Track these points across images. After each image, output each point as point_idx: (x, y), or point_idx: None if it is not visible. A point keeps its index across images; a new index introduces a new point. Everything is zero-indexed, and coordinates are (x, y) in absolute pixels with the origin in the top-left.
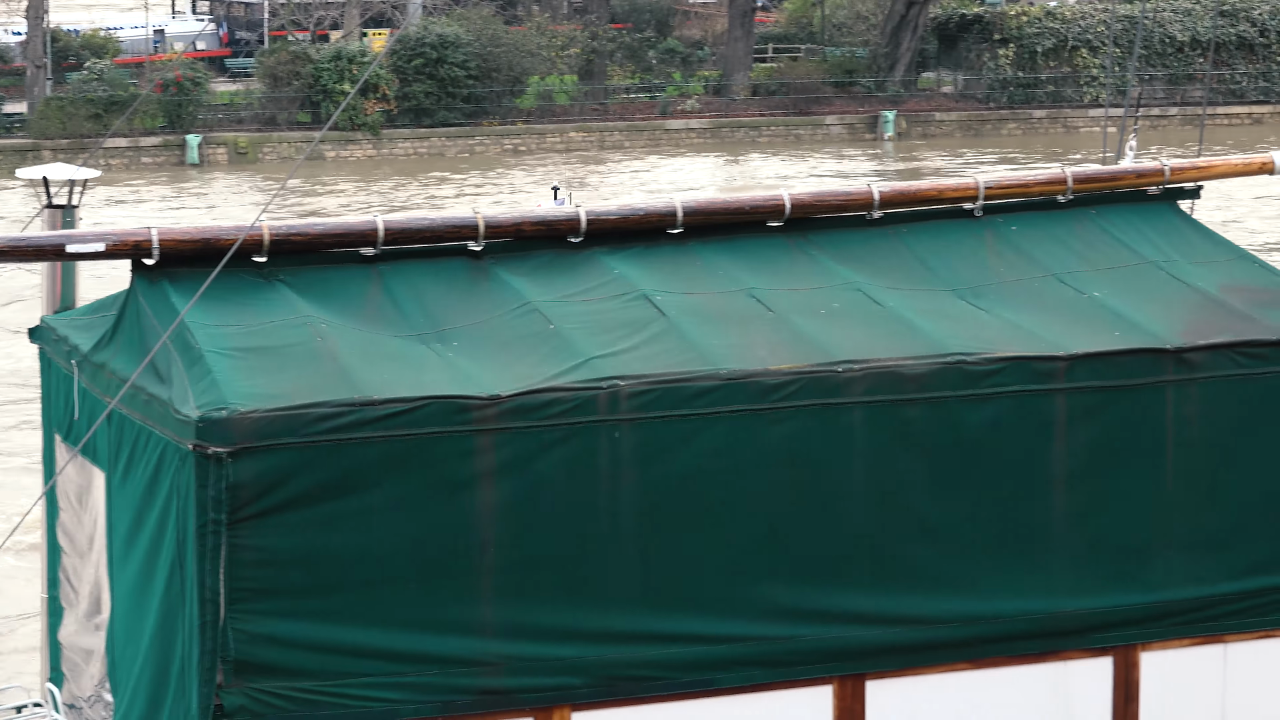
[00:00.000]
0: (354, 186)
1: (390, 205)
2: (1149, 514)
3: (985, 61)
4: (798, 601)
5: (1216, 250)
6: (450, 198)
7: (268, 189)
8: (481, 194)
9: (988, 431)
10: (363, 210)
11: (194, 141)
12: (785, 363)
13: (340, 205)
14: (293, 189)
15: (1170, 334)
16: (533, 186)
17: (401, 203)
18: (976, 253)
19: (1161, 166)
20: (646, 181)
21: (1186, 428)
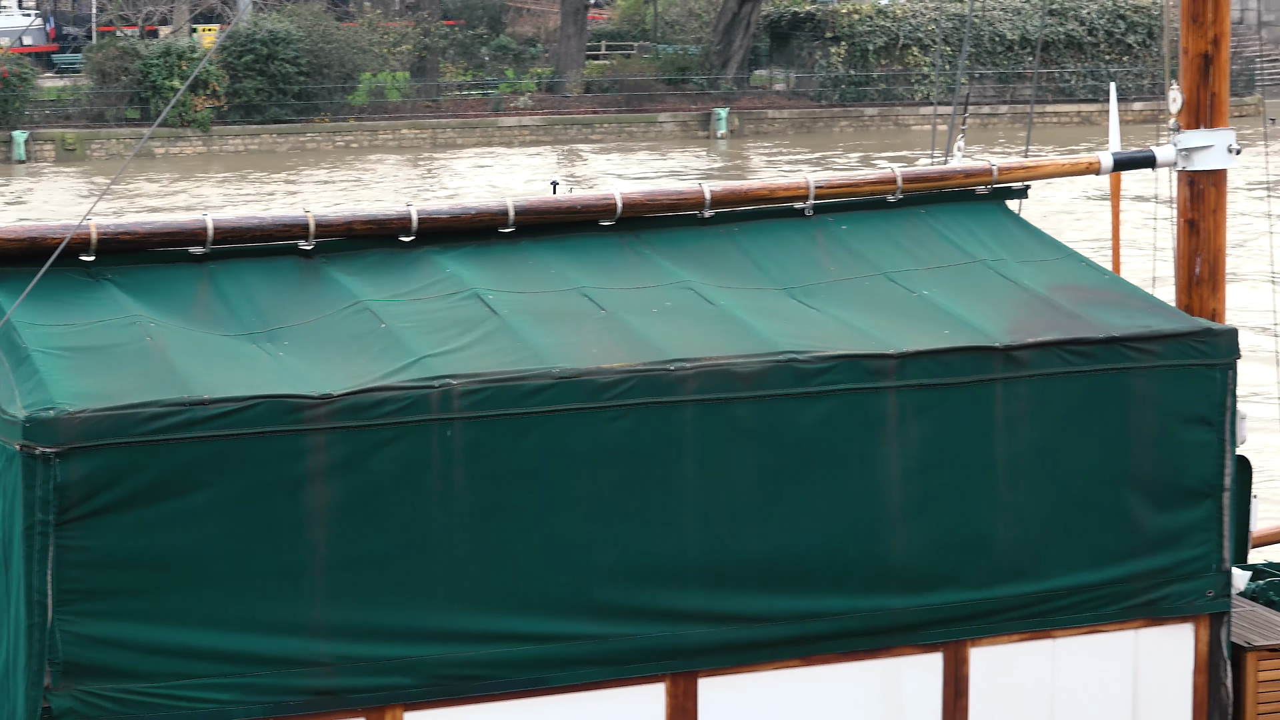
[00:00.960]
0: (184, 184)
1: (221, 203)
2: (978, 510)
3: (817, 59)
4: (630, 600)
5: (1044, 249)
6: (281, 196)
7: (96, 186)
8: (313, 192)
9: (819, 429)
10: (193, 208)
11: (20, 138)
12: (617, 361)
13: (170, 203)
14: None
15: (999, 332)
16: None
17: (232, 201)
18: (807, 252)
19: (990, 166)
20: (480, 179)
21: (1015, 425)
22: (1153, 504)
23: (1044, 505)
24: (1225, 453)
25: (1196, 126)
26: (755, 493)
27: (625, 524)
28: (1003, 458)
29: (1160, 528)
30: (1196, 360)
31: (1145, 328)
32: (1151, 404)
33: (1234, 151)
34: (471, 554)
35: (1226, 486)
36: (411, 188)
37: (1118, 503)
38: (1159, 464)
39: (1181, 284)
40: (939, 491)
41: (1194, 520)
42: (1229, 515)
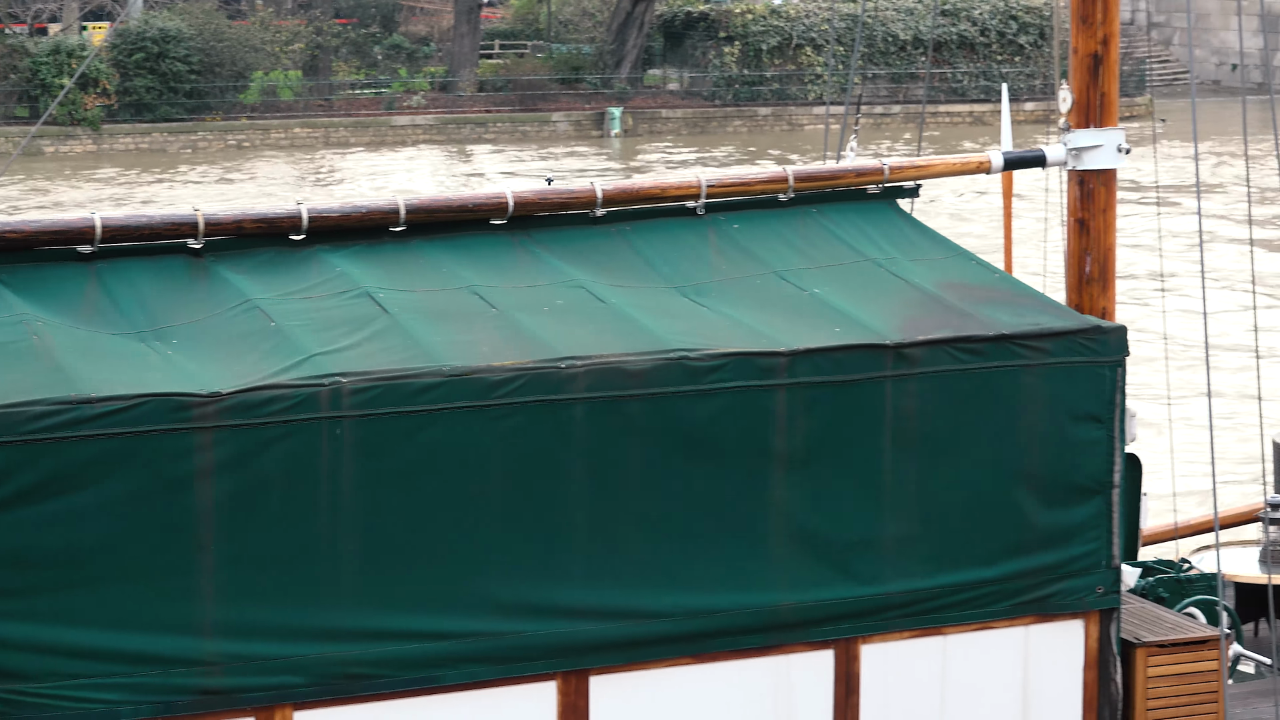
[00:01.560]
0: (73, 183)
1: (110, 202)
2: (869, 508)
3: (711, 59)
4: (522, 597)
5: (934, 248)
6: (172, 195)
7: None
8: (204, 191)
9: (710, 427)
10: (82, 207)
11: None
12: (508, 359)
13: (58, 202)
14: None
15: (889, 330)
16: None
17: (123, 199)
18: (699, 250)
19: (881, 165)
20: (372, 178)
21: (905, 422)
22: (1043, 501)
23: (934, 502)
24: (1115, 450)
25: (1086, 126)
26: (646, 490)
27: (516, 522)
28: (893, 455)
29: (1050, 525)
30: (1086, 358)
31: (1035, 325)
32: (1042, 401)
33: (1123, 151)
34: (361, 552)
35: (1116, 484)
36: (303, 187)
37: (1008, 500)
38: (1049, 461)
39: (1072, 283)
40: (829, 488)
41: (1084, 517)
42: (1118, 512)
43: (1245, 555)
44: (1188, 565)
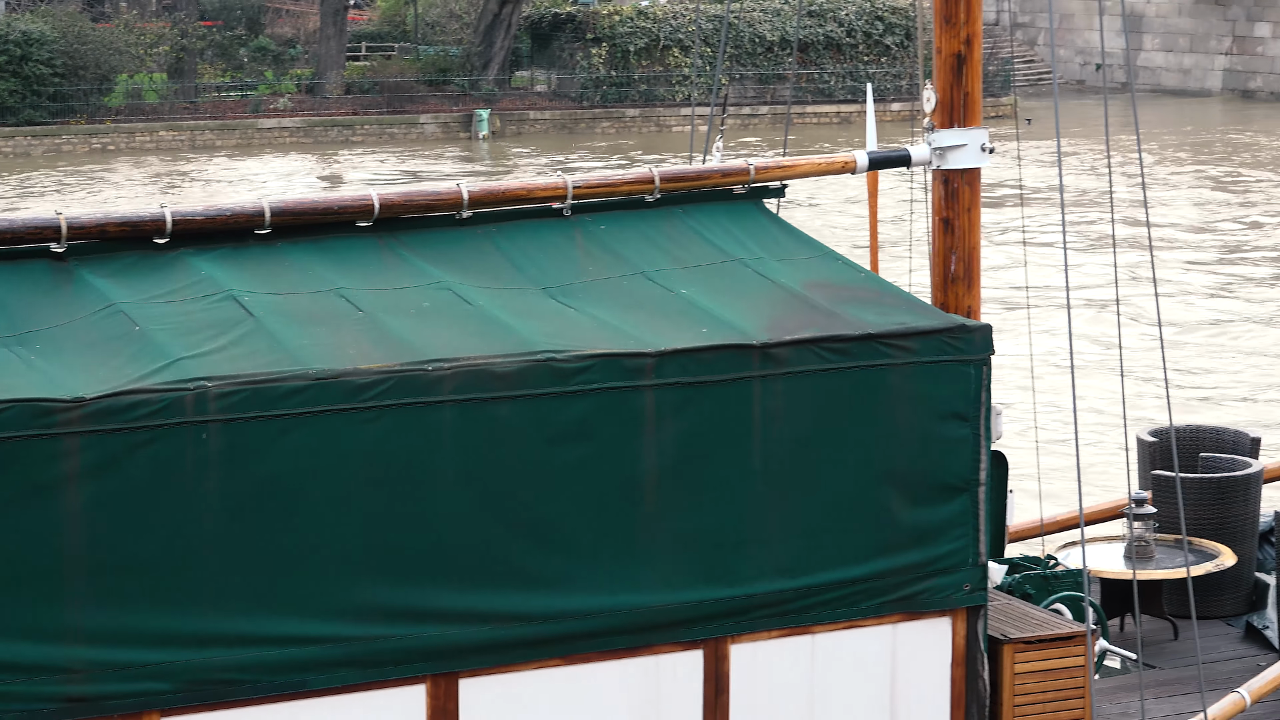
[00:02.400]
0: None
1: None
2: (738, 508)
3: (579, 60)
4: (390, 601)
5: (801, 248)
6: (34, 198)
7: None
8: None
9: (579, 428)
10: None
11: None
12: (375, 362)
13: None
14: None
15: (756, 330)
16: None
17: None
18: (566, 252)
19: (747, 166)
20: (238, 181)
21: (773, 422)
22: (909, 500)
23: (802, 502)
24: (981, 448)
25: (950, 126)
26: (515, 492)
27: (384, 525)
28: (761, 455)
29: (917, 523)
30: (952, 356)
31: (901, 324)
32: (908, 400)
33: (987, 150)
34: (228, 557)
35: (982, 481)
36: (169, 190)
37: (875, 499)
38: (915, 460)
39: (937, 282)
40: (698, 489)
41: (950, 515)
42: (984, 510)
43: (1111, 551)
44: (1054, 562)
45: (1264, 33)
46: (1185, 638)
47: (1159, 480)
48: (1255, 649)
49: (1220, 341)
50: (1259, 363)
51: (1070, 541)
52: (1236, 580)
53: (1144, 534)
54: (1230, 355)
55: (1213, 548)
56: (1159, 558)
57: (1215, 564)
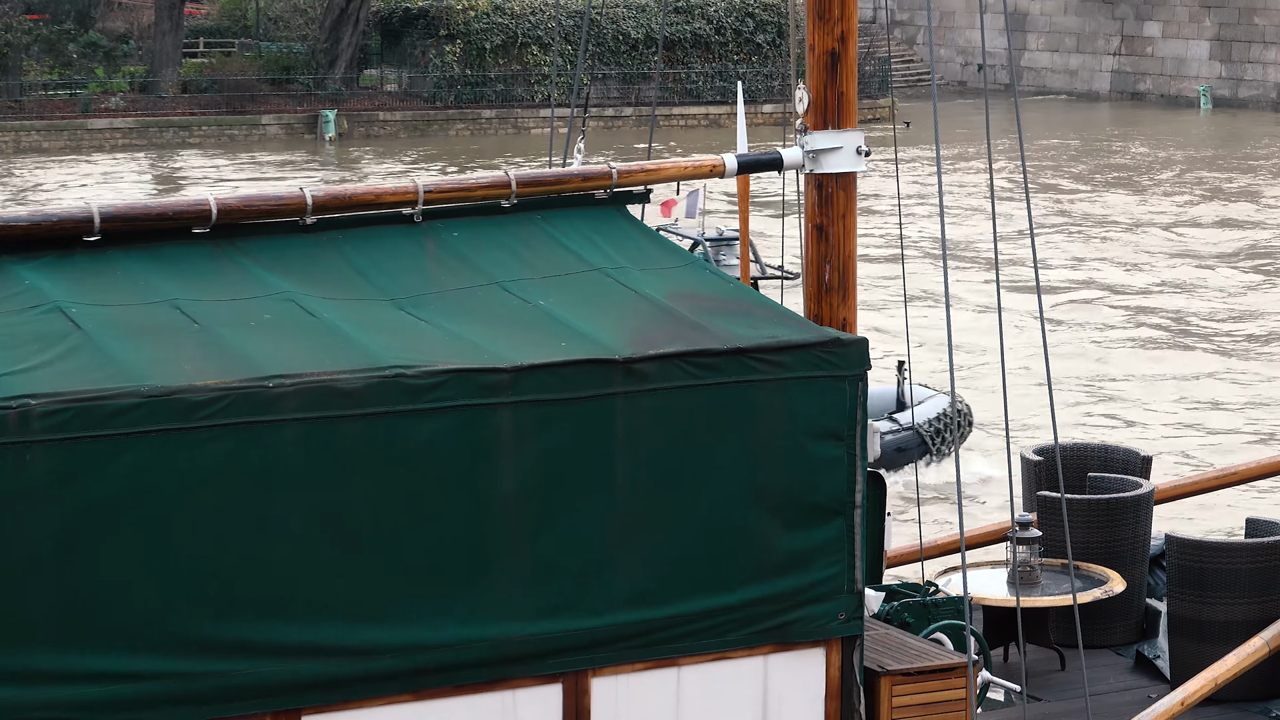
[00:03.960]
0: None
1: None
2: (600, 533)
3: (431, 58)
4: (227, 634)
5: (666, 256)
6: None
7: None
8: None
9: (430, 449)
10: None
11: None
12: (212, 378)
13: None
14: None
15: (619, 344)
16: None
17: None
18: (416, 260)
19: (609, 169)
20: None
21: (637, 442)
22: (781, 524)
23: (667, 527)
24: (856, 468)
25: (824, 127)
26: (362, 517)
27: (223, 553)
28: (623, 477)
29: (789, 549)
30: (825, 372)
31: (772, 338)
32: (779, 418)
33: (863, 153)
34: (56, 588)
35: (858, 503)
36: None
37: (744, 523)
38: (787, 481)
39: (810, 292)
40: (557, 513)
41: (824, 540)
42: (860, 534)
43: (994, 577)
44: (934, 588)
45: (1154, 32)
46: (1072, 668)
47: (1044, 501)
48: (1146, 680)
49: (1115, 357)
50: (1151, 379)
51: (951, 567)
52: (1126, 607)
53: (1028, 559)
54: (1121, 371)
55: (1101, 573)
56: (1044, 584)
57: (1104, 590)
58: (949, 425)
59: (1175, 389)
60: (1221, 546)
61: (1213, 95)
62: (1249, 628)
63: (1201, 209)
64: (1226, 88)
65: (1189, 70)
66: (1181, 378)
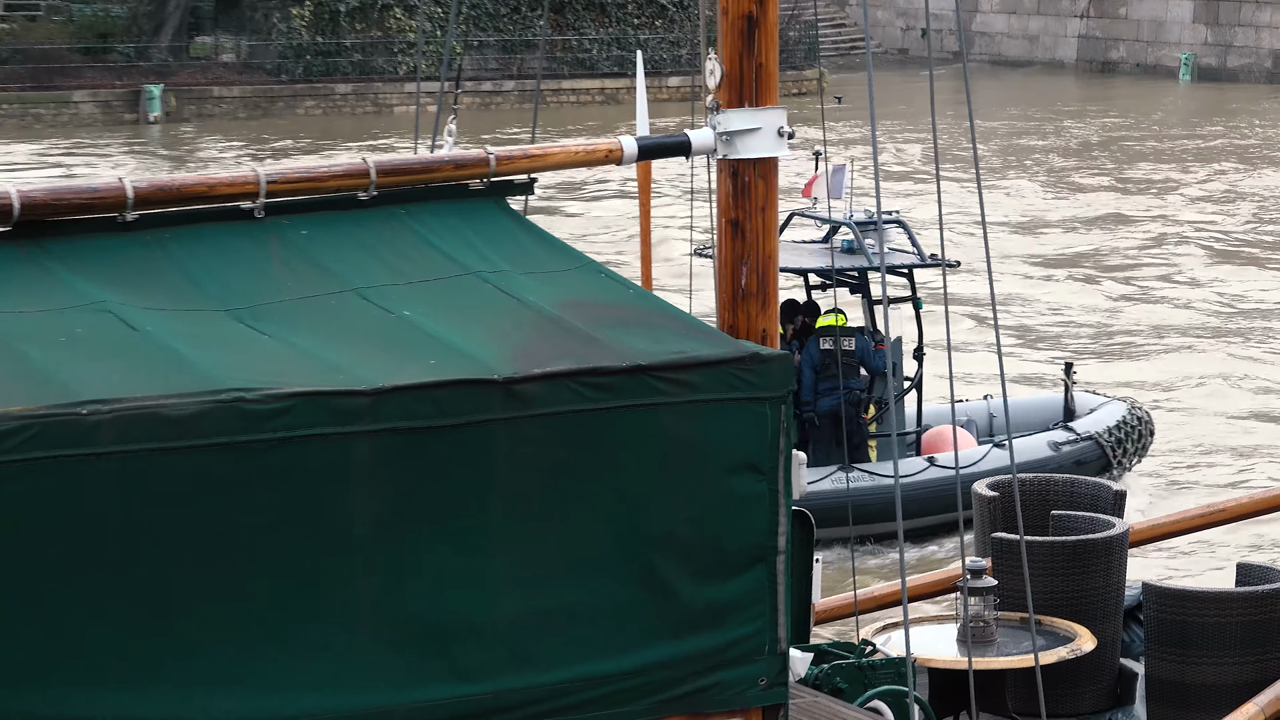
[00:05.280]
0: None
1: None
2: (476, 586)
3: (275, 24)
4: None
5: (554, 257)
6: None
7: None
8: None
9: (276, 486)
10: None
11: None
12: (14, 404)
13: None
14: None
15: (498, 361)
16: None
17: None
18: (258, 263)
19: (486, 155)
20: None
21: (520, 477)
22: (690, 573)
23: (557, 577)
24: (779, 507)
25: (740, 105)
26: (194, 568)
27: (28, 610)
28: (504, 518)
29: (700, 602)
30: (742, 393)
31: (679, 353)
32: (687, 447)
33: (786, 135)
34: None
35: (781, 549)
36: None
37: (646, 572)
38: (697, 522)
39: (724, 299)
40: (425, 562)
41: (741, 592)
42: (785, 584)
43: (941, 634)
44: (871, 648)
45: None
46: None
47: (1000, 545)
48: None
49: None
50: (1128, 386)
51: (891, 622)
52: (1097, 669)
53: (982, 612)
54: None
55: (1067, 629)
56: (1001, 642)
57: (1070, 649)
58: (1130, 434)
59: (1149, 399)
60: (1208, 597)
61: (1196, 65)
62: (1240, 691)
63: (1180, 195)
64: (1212, 56)
65: (1168, 35)
66: (1162, 386)
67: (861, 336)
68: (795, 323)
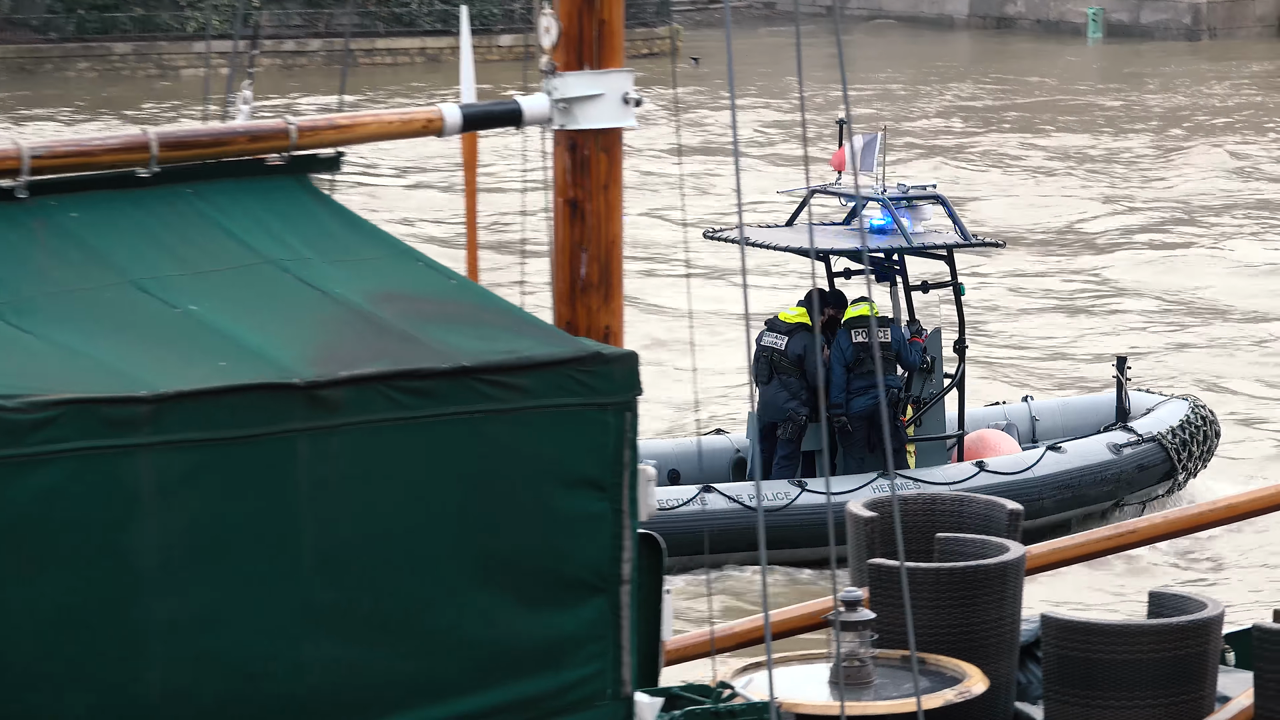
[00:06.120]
0: None
1: None
2: (275, 622)
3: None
4: None
5: (365, 243)
6: None
7: None
8: None
9: (40, 510)
10: None
11: None
12: None
13: None
14: None
15: (300, 363)
16: None
17: None
18: (20, 251)
19: (286, 125)
20: None
21: (325, 495)
22: (521, 605)
23: (366, 610)
24: (624, 529)
25: (580, 68)
26: None
27: None
28: (307, 543)
29: (532, 640)
30: (582, 398)
31: (509, 353)
32: (518, 461)
33: (633, 103)
34: None
35: (626, 577)
36: None
37: (470, 605)
38: (529, 548)
39: (561, 291)
40: (215, 594)
41: (579, 627)
42: (630, 618)
43: (810, 675)
44: (729, 691)
45: None
46: None
47: (879, 573)
48: None
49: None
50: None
51: (753, 662)
52: (989, 713)
53: (857, 650)
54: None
55: (955, 668)
56: (879, 684)
57: (958, 691)
58: (1195, 435)
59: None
60: (1116, 630)
61: (1106, 20)
62: None
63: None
64: (1124, 10)
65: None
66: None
67: (897, 327)
68: (823, 315)
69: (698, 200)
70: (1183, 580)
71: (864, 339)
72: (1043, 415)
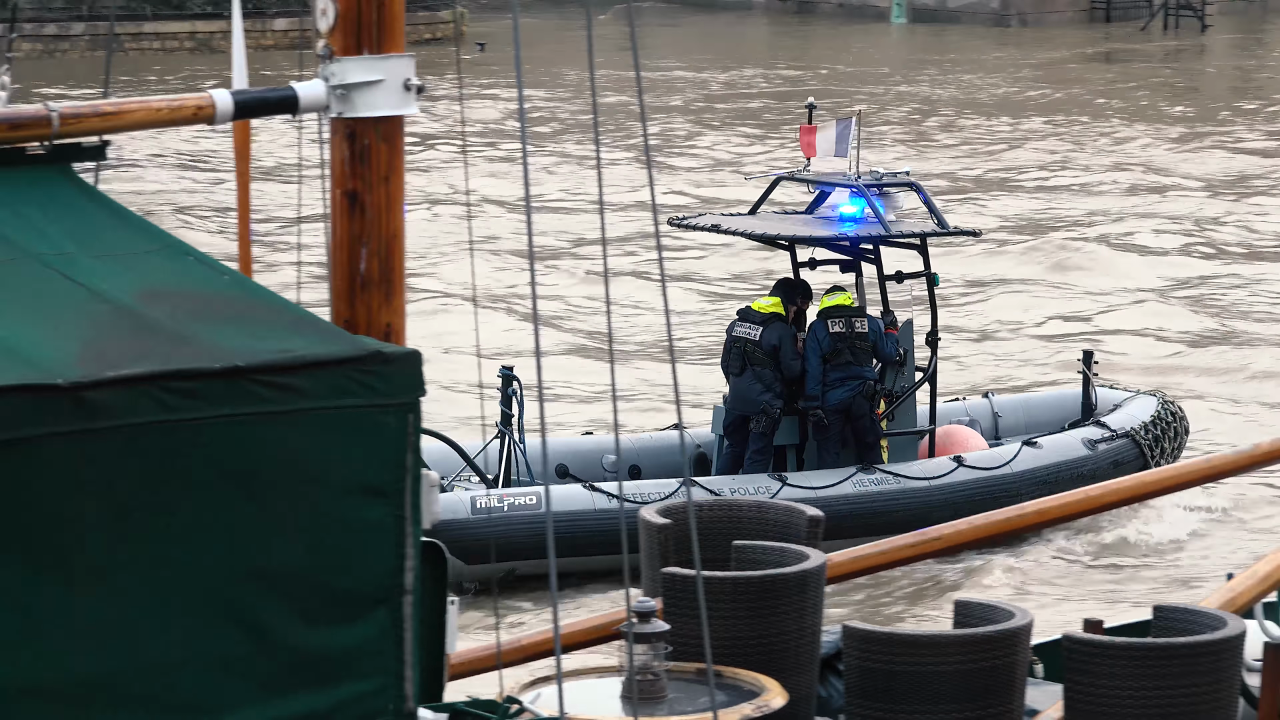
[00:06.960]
0: None
1: None
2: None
3: None
4: None
5: (132, 237)
6: None
7: None
8: None
9: None
10: None
11: None
12: None
13: None
14: None
15: (62, 363)
16: None
17: None
18: None
19: (48, 113)
20: None
21: (90, 503)
22: (295, 617)
23: (133, 626)
24: (405, 537)
25: (359, 52)
26: None
27: None
28: (70, 556)
29: (309, 654)
30: (361, 400)
31: (283, 352)
32: (293, 466)
33: (414, 89)
34: None
35: (408, 588)
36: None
37: (241, 618)
38: (305, 557)
39: (339, 287)
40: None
41: (359, 641)
42: (412, 631)
43: (601, 688)
44: (517, 707)
45: None
46: None
47: (673, 582)
48: None
49: None
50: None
51: (542, 676)
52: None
53: (650, 663)
54: None
55: (753, 681)
56: (673, 698)
57: (756, 705)
58: (1166, 431)
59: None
60: (919, 641)
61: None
62: None
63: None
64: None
65: None
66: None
67: (875, 318)
68: (794, 306)
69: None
70: (990, 588)
71: (841, 329)
72: (1005, 411)
